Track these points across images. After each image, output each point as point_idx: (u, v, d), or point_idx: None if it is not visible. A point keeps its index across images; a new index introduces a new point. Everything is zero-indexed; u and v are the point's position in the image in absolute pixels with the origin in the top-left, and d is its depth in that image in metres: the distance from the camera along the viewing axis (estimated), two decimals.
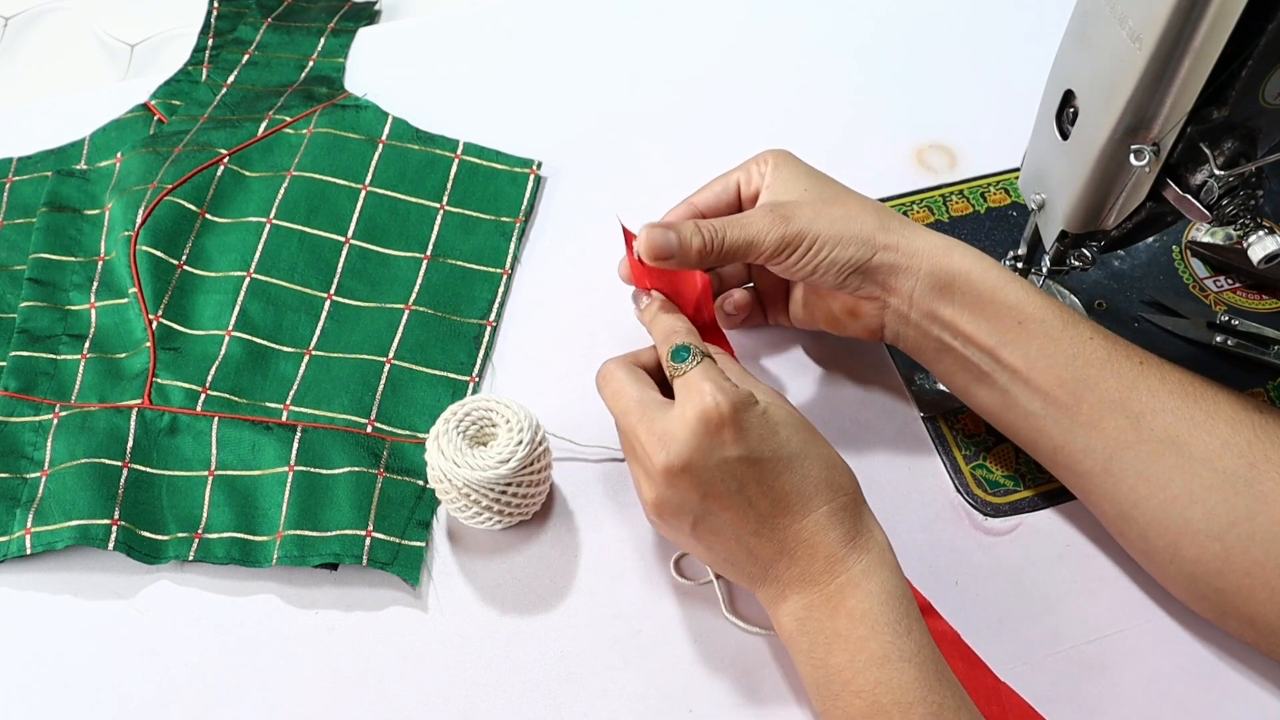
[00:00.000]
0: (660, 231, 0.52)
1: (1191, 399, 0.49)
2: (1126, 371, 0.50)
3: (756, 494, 0.47)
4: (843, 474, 0.48)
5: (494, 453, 0.52)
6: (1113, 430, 0.50)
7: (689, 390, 0.47)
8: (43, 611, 0.54)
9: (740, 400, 0.47)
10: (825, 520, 0.47)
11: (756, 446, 0.47)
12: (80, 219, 0.66)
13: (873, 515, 0.49)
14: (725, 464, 0.46)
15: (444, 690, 0.52)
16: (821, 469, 0.48)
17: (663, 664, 0.53)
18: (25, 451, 0.57)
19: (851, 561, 0.47)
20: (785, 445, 0.47)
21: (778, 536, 0.47)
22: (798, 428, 0.48)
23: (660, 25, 0.77)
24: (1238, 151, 0.45)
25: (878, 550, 0.47)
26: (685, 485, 0.47)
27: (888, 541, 0.48)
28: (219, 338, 0.60)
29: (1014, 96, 0.71)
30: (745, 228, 0.52)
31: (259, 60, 0.75)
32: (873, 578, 0.46)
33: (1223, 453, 0.48)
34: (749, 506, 0.47)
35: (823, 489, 0.47)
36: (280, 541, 0.54)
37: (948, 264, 0.52)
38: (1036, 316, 0.51)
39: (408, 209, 0.66)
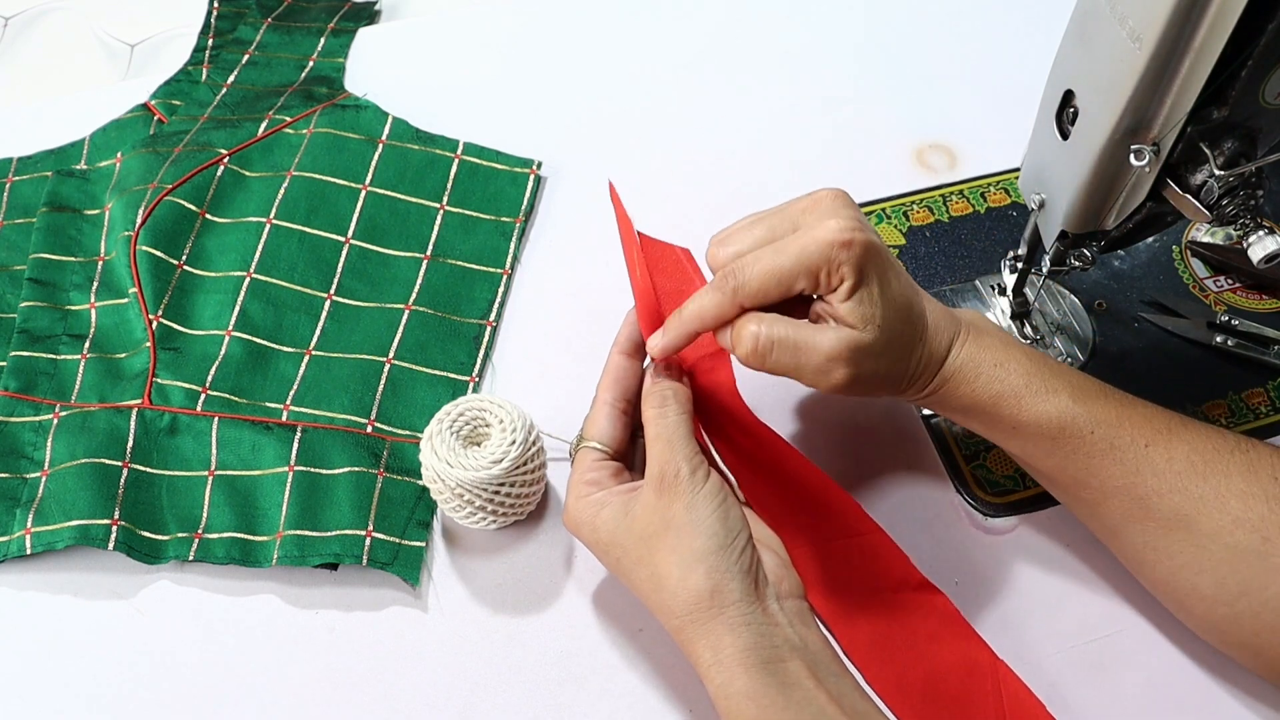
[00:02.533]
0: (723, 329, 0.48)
1: (1200, 476, 0.47)
2: (1130, 459, 0.48)
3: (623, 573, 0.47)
4: (670, 595, 0.44)
5: (487, 453, 0.52)
6: (1118, 509, 0.48)
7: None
8: (43, 611, 0.54)
9: (574, 519, 0.48)
10: (674, 638, 0.45)
11: (603, 560, 0.48)
12: (80, 219, 0.66)
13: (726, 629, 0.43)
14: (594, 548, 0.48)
15: (444, 690, 0.52)
16: (650, 588, 0.45)
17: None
18: (25, 451, 0.57)
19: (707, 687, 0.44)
20: (615, 563, 0.47)
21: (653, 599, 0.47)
22: (629, 545, 0.46)
23: (660, 25, 0.77)
24: (1238, 151, 0.45)
25: (720, 682, 0.43)
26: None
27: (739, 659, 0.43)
28: (219, 338, 0.60)
29: (1014, 96, 0.71)
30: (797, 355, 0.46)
31: (259, 60, 0.75)
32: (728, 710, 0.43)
33: (1234, 529, 0.46)
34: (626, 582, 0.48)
35: (657, 610, 0.46)
36: (280, 541, 0.54)
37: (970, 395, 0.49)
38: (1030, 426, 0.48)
39: (408, 209, 0.66)
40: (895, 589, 0.52)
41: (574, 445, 0.50)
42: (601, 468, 0.49)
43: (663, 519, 0.45)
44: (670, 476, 0.45)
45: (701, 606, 0.44)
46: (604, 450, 0.49)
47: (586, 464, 0.49)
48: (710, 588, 0.44)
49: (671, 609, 0.44)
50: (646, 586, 0.45)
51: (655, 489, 0.45)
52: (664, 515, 0.45)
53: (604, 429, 0.49)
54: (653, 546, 0.45)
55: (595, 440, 0.49)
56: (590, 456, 0.49)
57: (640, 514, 0.46)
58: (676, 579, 0.44)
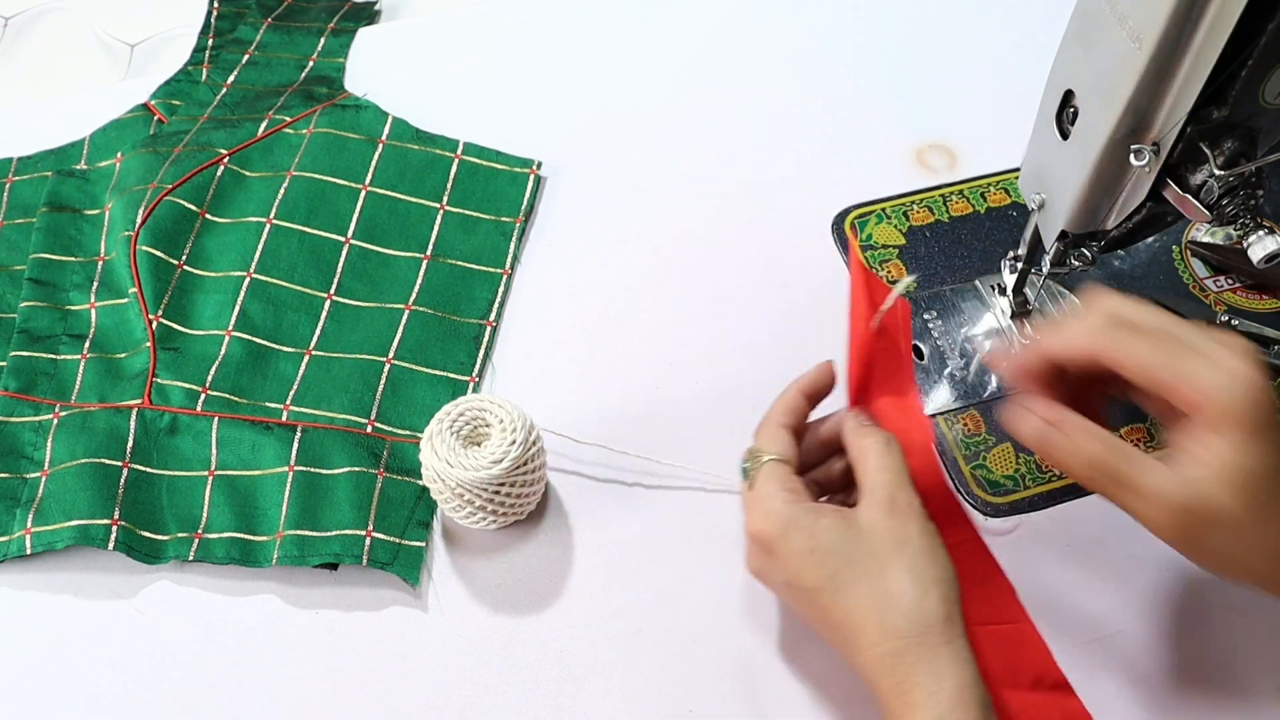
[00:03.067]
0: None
1: None
2: None
3: (815, 619, 0.46)
4: (900, 614, 0.43)
5: (487, 453, 0.52)
6: None
7: (750, 504, 0.48)
8: (43, 611, 0.54)
9: (780, 526, 0.45)
10: (876, 664, 0.43)
11: (798, 575, 0.45)
12: (80, 219, 0.66)
13: (952, 661, 0.42)
14: (781, 586, 0.47)
15: (444, 690, 0.52)
16: (873, 604, 0.43)
17: (663, 664, 0.53)
18: (25, 451, 0.57)
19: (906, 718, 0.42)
20: (829, 577, 0.44)
21: (849, 662, 0.45)
22: (854, 557, 0.44)
23: (660, 25, 0.77)
24: (1238, 151, 0.45)
25: (935, 713, 0.41)
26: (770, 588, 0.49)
27: (959, 693, 0.42)
28: (219, 338, 0.60)
29: (1014, 96, 0.71)
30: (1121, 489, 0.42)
31: (259, 60, 0.75)
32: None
33: None
34: (815, 627, 0.47)
35: (871, 628, 0.43)
36: (280, 541, 0.54)
37: None
38: None
39: (408, 209, 0.66)
40: (1032, 685, 0.49)
41: (751, 461, 0.49)
42: (797, 480, 0.48)
43: (898, 539, 0.44)
44: (902, 502, 0.45)
45: (934, 630, 0.43)
46: (790, 465, 0.48)
47: (783, 474, 0.47)
48: (945, 614, 0.43)
49: (897, 628, 0.43)
50: (867, 602, 0.44)
51: (886, 510, 0.45)
52: (899, 535, 0.44)
53: (786, 446, 0.49)
54: (884, 564, 0.44)
55: (780, 455, 0.48)
56: (784, 469, 0.48)
57: (870, 530, 0.45)
58: (912, 598, 0.43)
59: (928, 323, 0.63)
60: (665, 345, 0.62)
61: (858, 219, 0.67)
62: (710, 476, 0.57)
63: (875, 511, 0.45)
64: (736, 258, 0.66)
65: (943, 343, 0.62)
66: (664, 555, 0.56)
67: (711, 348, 0.62)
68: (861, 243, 0.66)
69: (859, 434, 0.48)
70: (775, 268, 0.65)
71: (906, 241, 0.66)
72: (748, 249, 0.66)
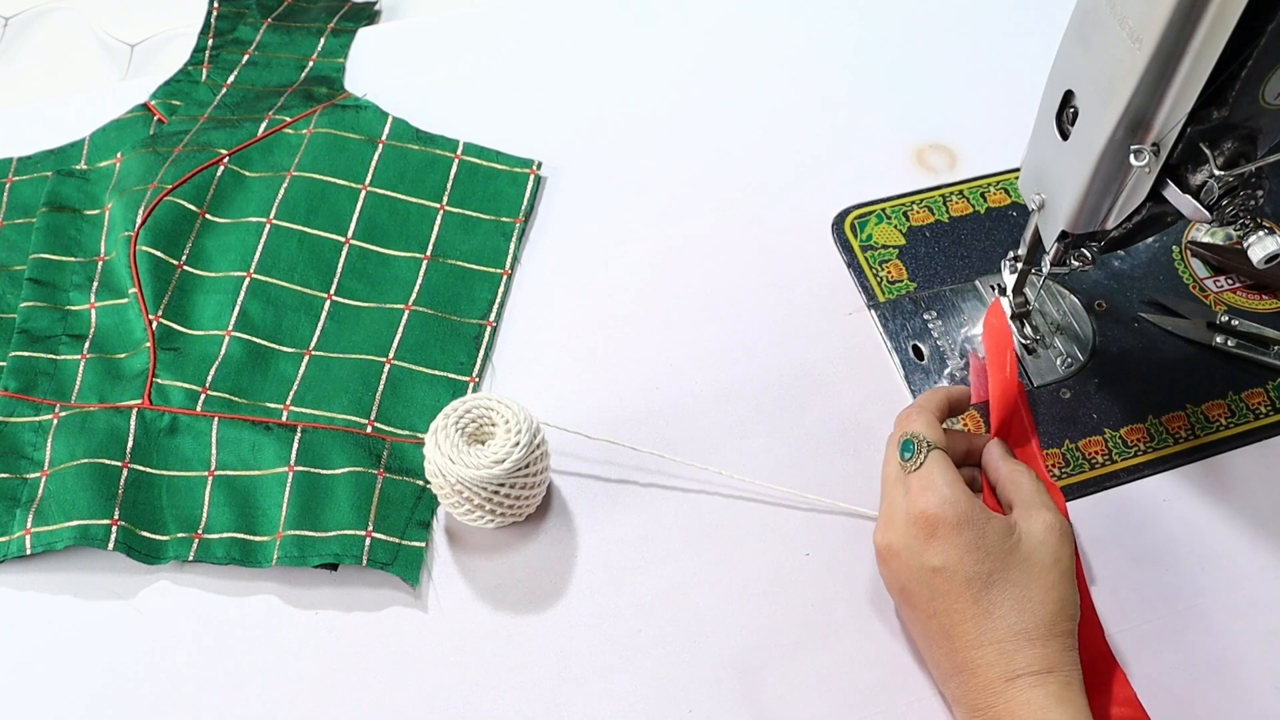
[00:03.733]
0: None
1: None
2: None
3: (942, 608, 0.48)
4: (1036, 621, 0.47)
5: (490, 452, 0.52)
6: None
7: (920, 485, 0.50)
8: (43, 611, 0.54)
9: (956, 515, 0.48)
10: (992, 657, 0.47)
11: (954, 563, 0.48)
12: (80, 219, 0.66)
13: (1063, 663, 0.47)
14: (924, 570, 0.49)
15: (444, 690, 0.52)
16: (1015, 607, 0.47)
17: (663, 664, 0.53)
18: (25, 452, 0.57)
19: (1009, 695, 0.46)
20: (984, 575, 0.48)
21: (951, 654, 0.48)
22: (1011, 563, 0.48)
23: (659, 25, 0.77)
24: (1238, 151, 0.45)
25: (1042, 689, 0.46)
26: (889, 570, 0.51)
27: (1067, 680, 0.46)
28: (219, 338, 0.60)
29: (1014, 96, 0.71)
30: None
31: (259, 60, 0.74)
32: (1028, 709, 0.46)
33: None
34: (933, 616, 0.49)
35: (1001, 628, 0.47)
36: (280, 542, 0.54)
37: None
38: None
39: (408, 209, 0.66)
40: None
41: (915, 443, 0.51)
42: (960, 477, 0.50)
43: (1052, 556, 0.48)
44: (1060, 525, 0.49)
45: (1061, 638, 0.47)
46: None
47: (951, 465, 0.50)
48: (1071, 628, 0.48)
49: (1029, 631, 0.47)
50: (1008, 605, 0.47)
51: (1047, 528, 0.49)
52: (1054, 554, 0.48)
53: (942, 439, 0.52)
54: (1034, 575, 0.48)
55: (945, 446, 0.51)
56: (949, 460, 0.51)
57: (1028, 541, 0.49)
58: (1051, 611, 0.47)
59: (928, 323, 0.63)
60: (665, 345, 0.62)
61: (858, 219, 0.67)
62: (716, 474, 0.58)
63: (1035, 526, 0.49)
64: (736, 258, 0.66)
65: (943, 343, 0.62)
66: (664, 555, 0.56)
67: (711, 348, 0.62)
68: (861, 243, 0.66)
69: (1009, 460, 0.54)
70: (775, 268, 0.65)
71: (906, 241, 0.66)
72: (748, 249, 0.66)
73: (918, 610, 0.49)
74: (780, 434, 0.59)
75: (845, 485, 0.58)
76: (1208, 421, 0.60)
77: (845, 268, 0.65)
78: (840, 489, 0.58)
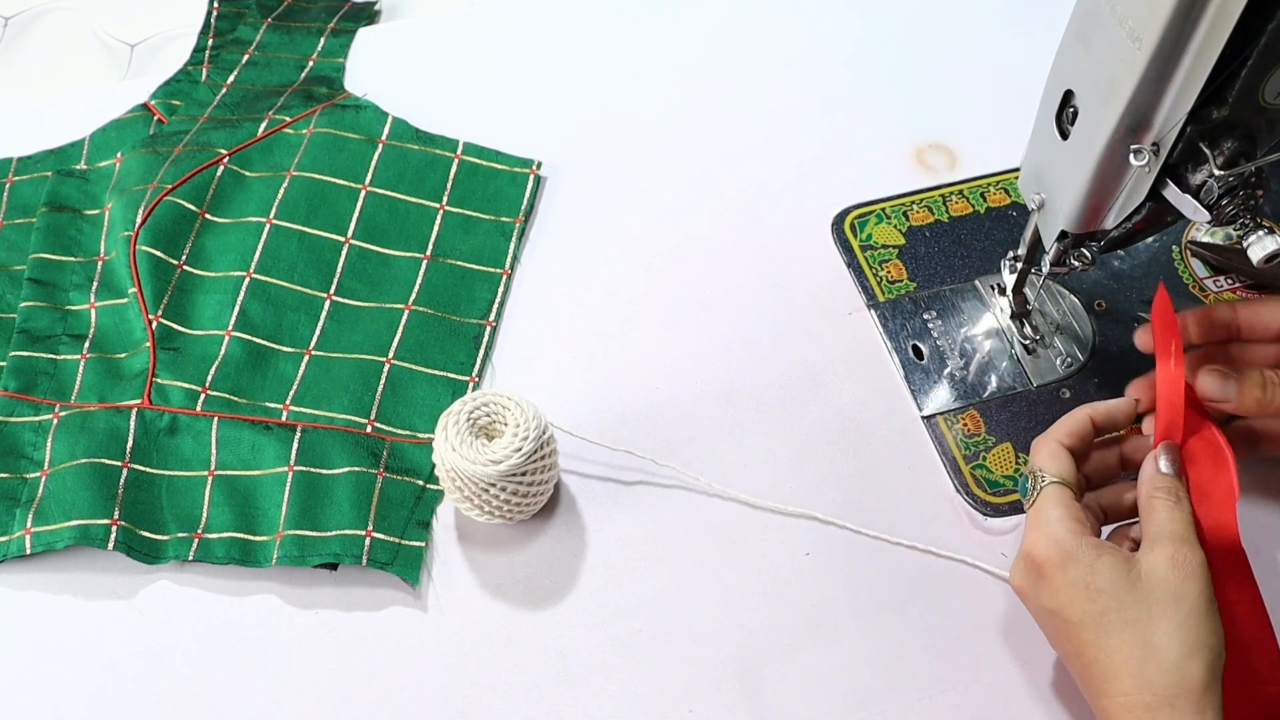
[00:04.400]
0: (1219, 378, 0.49)
1: None
2: None
3: (1069, 651, 0.46)
4: (1161, 671, 0.43)
5: (492, 450, 0.52)
6: None
7: (1031, 524, 0.47)
8: (43, 611, 0.54)
9: (1059, 555, 0.45)
10: (1120, 713, 0.43)
11: (1065, 605, 0.45)
12: (80, 219, 0.66)
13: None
14: (1043, 610, 0.47)
15: (444, 690, 0.52)
16: (1134, 652, 0.43)
17: (663, 663, 0.53)
18: (25, 451, 0.57)
19: None
20: (1097, 614, 0.44)
21: (1090, 701, 0.46)
22: (1126, 602, 0.44)
23: (659, 25, 0.77)
24: (1238, 151, 0.45)
25: None
26: (1029, 608, 0.48)
27: None
28: (219, 338, 0.60)
29: (1014, 96, 0.71)
30: None
31: (259, 60, 0.75)
32: None
33: None
34: (1066, 660, 0.47)
35: (1125, 676, 0.43)
36: (280, 541, 0.54)
37: None
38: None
39: (407, 209, 0.66)
40: None
41: (1031, 479, 0.49)
42: (1078, 507, 0.47)
43: (1175, 594, 0.44)
44: (1186, 559, 0.44)
45: (1193, 696, 0.42)
46: (1071, 489, 0.48)
47: (1067, 499, 0.47)
48: (1205, 683, 0.43)
49: (1153, 683, 0.43)
50: (1129, 650, 0.43)
51: (1168, 562, 0.44)
52: (1176, 591, 0.44)
53: (1067, 468, 0.48)
54: (1155, 615, 0.44)
55: (1061, 478, 0.48)
56: (1067, 493, 0.47)
57: (1148, 578, 0.44)
58: (1175, 658, 0.43)
59: (927, 323, 0.63)
60: (665, 345, 0.62)
61: (858, 219, 0.67)
62: (708, 483, 0.57)
63: (1157, 560, 0.45)
64: (736, 257, 0.66)
65: (943, 343, 0.62)
66: (664, 555, 0.56)
67: (711, 348, 0.62)
68: (861, 243, 0.66)
69: (1154, 482, 0.48)
70: (775, 268, 0.65)
71: (906, 241, 0.66)
72: (748, 249, 0.66)
73: (1056, 648, 0.47)
74: (780, 434, 0.59)
75: (845, 485, 0.58)
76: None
77: (845, 267, 0.65)
78: (840, 489, 0.58)
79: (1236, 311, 0.53)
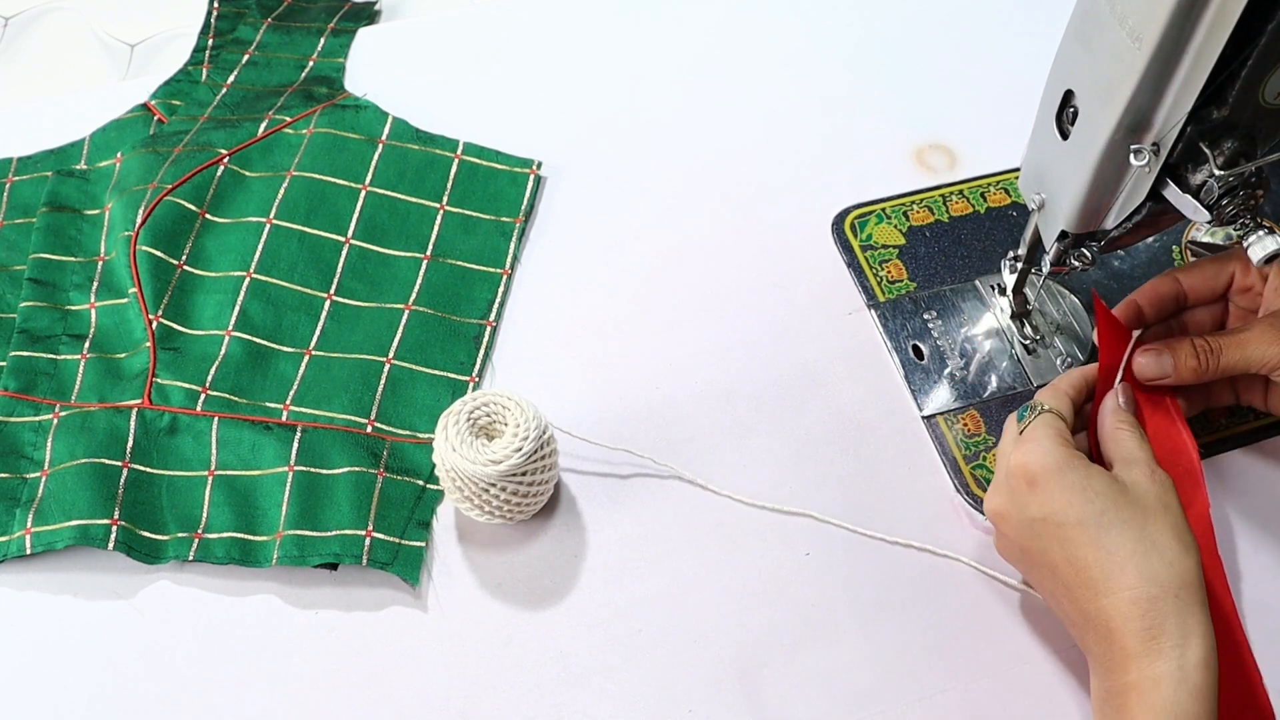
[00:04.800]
0: (1153, 356, 0.53)
1: None
2: None
3: (1061, 559, 0.47)
4: (1164, 564, 0.45)
5: (491, 451, 0.52)
6: None
7: (1023, 441, 0.50)
8: (43, 611, 0.54)
9: (1055, 462, 0.48)
10: (1125, 607, 0.45)
11: (1062, 509, 0.47)
12: (80, 219, 0.66)
13: (1200, 623, 0.44)
14: (1033, 523, 0.48)
15: (444, 690, 0.52)
16: (1135, 548, 0.45)
17: (663, 663, 0.53)
18: (25, 451, 0.57)
19: (1144, 664, 0.44)
20: (1096, 515, 0.46)
21: (1080, 608, 0.47)
22: (1122, 503, 0.47)
23: (660, 25, 0.77)
24: (1238, 151, 0.45)
25: (1178, 664, 0.43)
26: (1006, 534, 0.51)
27: (1204, 657, 0.43)
28: (219, 338, 0.60)
29: (1014, 96, 0.71)
30: (1243, 347, 0.51)
31: (259, 60, 0.74)
32: (1160, 692, 0.43)
33: None
34: (1055, 570, 0.48)
35: (1128, 570, 0.45)
36: (280, 541, 0.54)
37: None
38: None
39: (408, 209, 0.66)
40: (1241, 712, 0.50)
41: (1033, 409, 0.51)
42: (1070, 437, 0.50)
43: (1161, 502, 0.47)
44: (1163, 476, 0.48)
45: (1192, 589, 0.45)
46: (1066, 423, 0.51)
47: (1061, 427, 0.50)
48: (1197, 580, 0.46)
49: (1158, 576, 0.45)
50: (1131, 546, 0.46)
51: (1150, 478, 0.48)
52: (1162, 499, 0.47)
53: (1065, 406, 0.52)
54: (1149, 518, 0.46)
55: (1058, 410, 0.51)
56: (1061, 423, 0.50)
57: (1137, 488, 0.48)
58: (1176, 553, 0.46)
59: (927, 322, 0.63)
60: (665, 345, 0.62)
61: (858, 219, 0.67)
62: (708, 483, 0.58)
63: (1138, 476, 0.48)
64: (736, 258, 0.66)
65: (943, 343, 0.62)
66: (664, 555, 0.56)
67: (711, 348, 0.62)
68: (861, 242, 0.66)
69: (1117, 415, 0.52)
70: (775, 268, 0.65)
71: (906, 241, 0.66)
72: (748, 249, 0.66)
73: (1041, 568, 0.48)
74: (780, 433, 0.59)
75: (845, 485, 0.58)
76: (1207, 422, 0.60)
77: (845, 267, 0.65)
78: (840, 489, 0.58)
79: (1179, 280, 0.56)
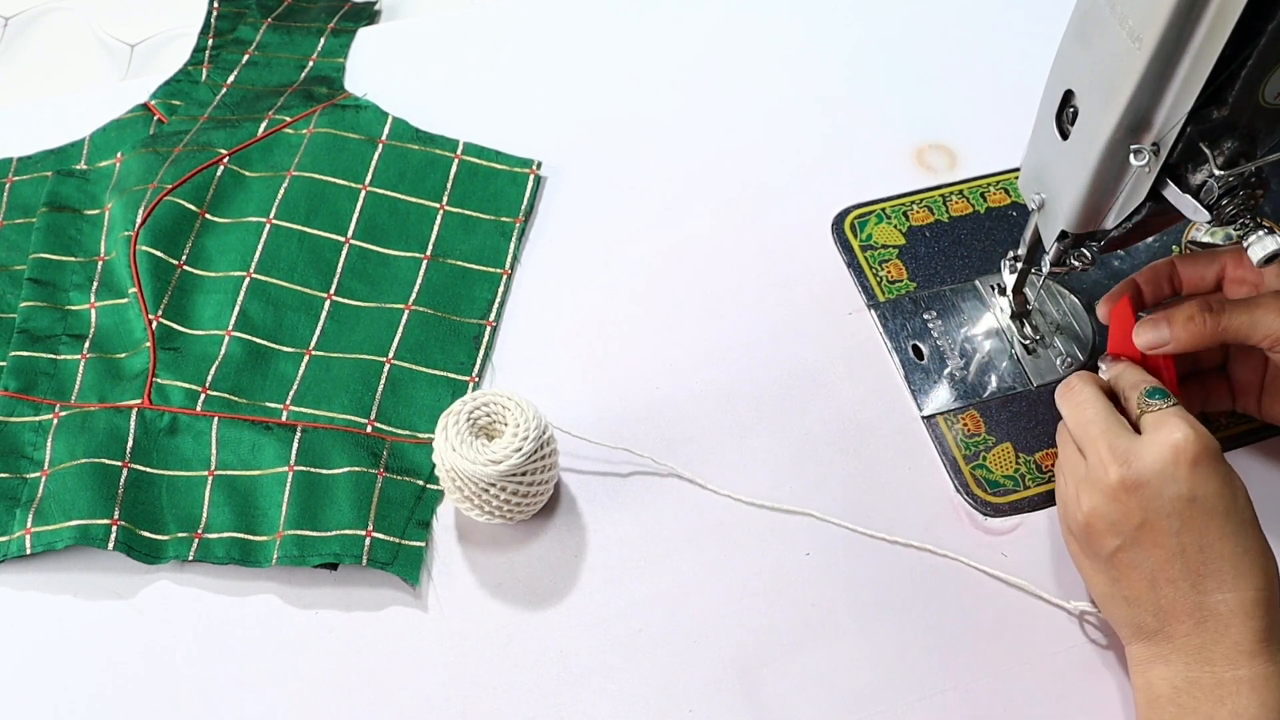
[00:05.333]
0: (1150, 326, 0.52)
1: None
2: None
3: (1191, 543, 0.46)
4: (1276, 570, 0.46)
5: (491, 451, 0.52)
6: None
7: (1165, 423, 0.48)
8: (43, 611, 0.54)
9: (1214, 446, 0.47)
10: (1250, 605, 0.45)
11: (1212, 496, 0.46)
12: (80, 219, 0.66)
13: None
14: (1177, 500, 0.46)
15: (444, 690, 0.52)
16: (1263, 549, 0.46)
17: (663, 663, 0.53)
18: (25, 451, 0.57)
19: (1260, 662, 0.45)
20: (1240, 509, 0.46)
21: (1194, 597, 0.46)
22: (1250, 504, 0.47)
23: (660, 25, 0.77)
24: (1238, 151, 0.45)
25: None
26: (1131, 505, 0.47)
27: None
28: (219, 338, 0.60)
29: (1014, 96, 0.71)
30: (1251, 312, 0.51)
31: (259, 60, 0.75)
32: (1271, 690, 0.44)
33: None
34: (1180, 553, 0.46)
35: (1258, 570, 0.46)
36: (280, 541, 0.54)
37: None
38: None
39: (408, 209, 0.66)
40: None
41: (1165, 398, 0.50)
42: None
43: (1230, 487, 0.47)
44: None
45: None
46: None
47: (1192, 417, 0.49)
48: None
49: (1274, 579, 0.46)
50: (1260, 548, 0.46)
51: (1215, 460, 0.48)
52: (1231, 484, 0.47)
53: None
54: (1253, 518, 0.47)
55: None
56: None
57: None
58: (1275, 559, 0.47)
59: (927, 322, 0.63)
60: (665, 345, 0.62)
61: (857, 219, 0.67)
62: (708, 483, 0.58)
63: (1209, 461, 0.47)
64: (736, 258, 0.66)
65: (943, 343, 0.62)
66: (664, 555, 0.56)
67: (711, 348, 0.62)
68: (861, 242, 0.66)
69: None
70: (775, 268, 0.65)
71: (906, 241, 0.66)
72: (748, 249, 0.66)
73: (1156, 549, 0.47)
74: (780, 433, 0.59)
75: (845, 485, 0.58)
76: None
77: (845, 267, 0.65)
78: (840, 488, 0.58)
79: (1174, 266, 0.56)
